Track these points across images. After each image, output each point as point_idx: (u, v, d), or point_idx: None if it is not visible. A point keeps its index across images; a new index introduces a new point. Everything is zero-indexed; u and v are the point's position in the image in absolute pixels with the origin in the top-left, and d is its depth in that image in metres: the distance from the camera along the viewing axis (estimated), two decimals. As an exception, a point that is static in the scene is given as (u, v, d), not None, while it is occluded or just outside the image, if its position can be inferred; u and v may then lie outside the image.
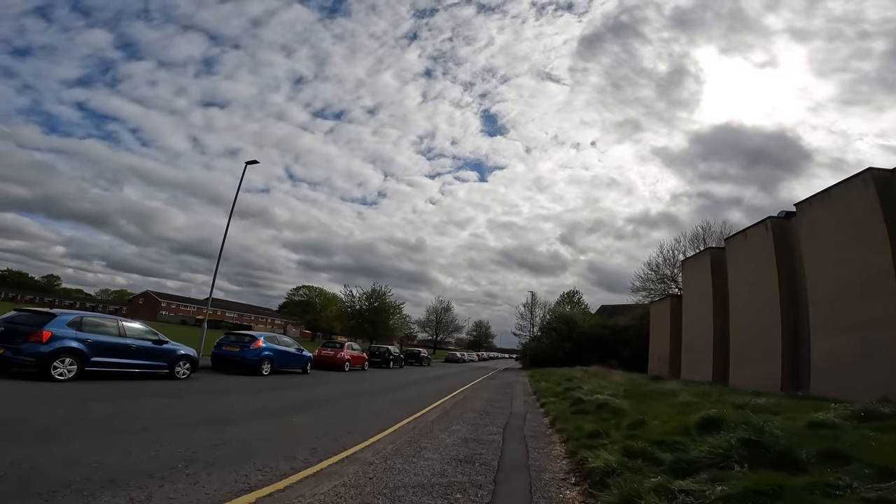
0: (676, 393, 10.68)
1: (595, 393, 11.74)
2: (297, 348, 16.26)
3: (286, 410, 8.16)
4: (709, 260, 24.86)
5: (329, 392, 11.85)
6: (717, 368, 22.87)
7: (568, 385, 15.36)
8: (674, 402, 9.01)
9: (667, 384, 12.91)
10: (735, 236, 22.51)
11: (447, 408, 10.24)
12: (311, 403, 9.41)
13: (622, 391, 11.76)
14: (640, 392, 11.36)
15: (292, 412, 8.04)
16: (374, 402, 10.79)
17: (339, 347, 20.75)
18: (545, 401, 11.49)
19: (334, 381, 15.15)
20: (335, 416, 8.09)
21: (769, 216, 20.36)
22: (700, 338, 24.61)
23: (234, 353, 13.71)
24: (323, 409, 8.79)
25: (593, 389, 12.64)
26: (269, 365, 14.11)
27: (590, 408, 9.15)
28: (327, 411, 8.63)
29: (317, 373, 17.67)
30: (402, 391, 14.08)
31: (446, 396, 13.15)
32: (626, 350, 40.05)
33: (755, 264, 20.54)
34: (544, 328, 50.36)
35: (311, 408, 8.82)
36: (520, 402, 12.38)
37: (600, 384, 14.44)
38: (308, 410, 8.45)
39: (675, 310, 29.46)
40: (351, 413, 8.65)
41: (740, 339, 21.05)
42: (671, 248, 41.98)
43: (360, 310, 67.83)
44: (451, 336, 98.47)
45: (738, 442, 4.39)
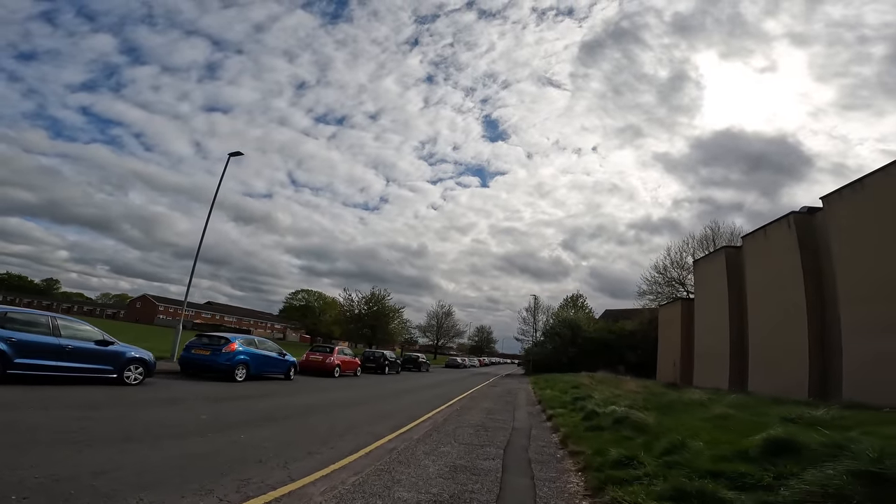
0: (705, 403, 9.19)
1: (609, 403, 10.28)
2: (280, 352, 14.82)
3: (240, 424, 6.72)
4: (724, 260, 23.35)
5: (305, 401, 10.40)
6: (734, 374, 21.32)
7: (576, 393, 13.87)
8: (707, 416, 7.54)
9: (689, 393, 11.42)
10: (753, 234, 21.03)
11: (439, 421, 8.78)
12: (277, 415, 7.98)
13: (640, 401, 10.28)
14: (661, 402, 9.87)
15: (247, 427, 6.60)
16: (355, 413, 9.33)
17: (328, 352, 19.29)
18: (552, 412, 10.02)
19: (318, 389, 13.70)
20: (299, 432, 6.65)
21: (791, 211, 18.90)
22: (715, 342, 23.05)
23: (203, 356, 12.29)
24: (288, 423, 7.36)
25: (606, 399, 11.17)
26: (244, 370, 12.68)
27: (606, 422, 7.69)
28: (292, 425, 7.19)
29: (302, 379, 16.21)
30: (391, 400, 12.62)
31: (441, 407, 11.69)
32: (633, 355, 38.52)
33: (777, 263, 19.06)
34: (548, 333, 48.83)
35: (274, 421, 7.38)
36: (523, 413, 10.90)
37: (612, 392, 12.96)
38: (269, 424, 7.01)
39: (687, 313, 27.91)
40: (321, 427, 7.21)
41: (760, 342, 19.52)
42: (678, 251, 40.51)
43: (359, 314, 66.38)
44: (453, 341, 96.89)
45: (849, 475, 2.99)
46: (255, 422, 7.12)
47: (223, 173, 19.72)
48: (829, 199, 16.85)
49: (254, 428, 6.64)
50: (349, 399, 11.76)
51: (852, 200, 15.48)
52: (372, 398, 12.55)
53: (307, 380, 16.21)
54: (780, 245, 19.00)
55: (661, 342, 31.90)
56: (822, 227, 17.45)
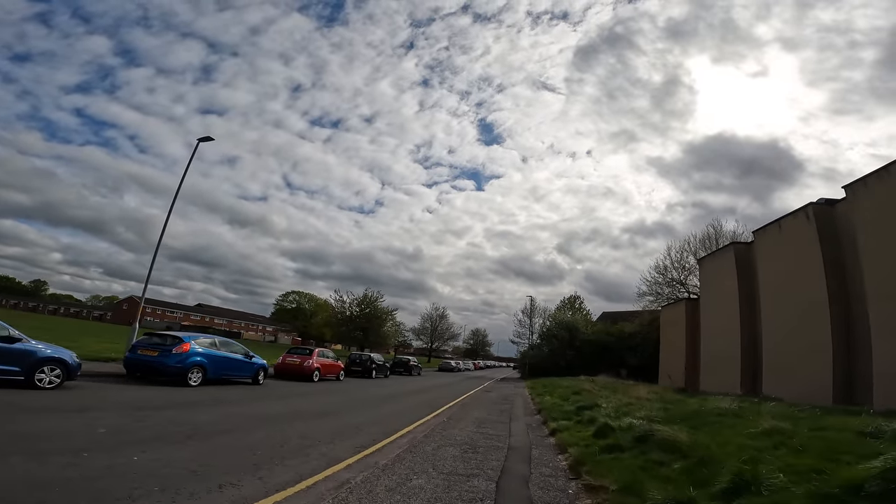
0: (740, 414, 7.63)
1: (621, 413, 8.71)
2: (247, 354, 13.16)
3: (148, 441, 5.08)
4: (733, 256, 21.91)
5: (263, 410, 8.75)
6: (746, 377, 19.84)
7: (579, 400, 12.31)
8: (754, 431, 5.98)
9: (712, 400, 9.85)
10: (767, 228, 19.60)
11: (418, 438, 7.16)
12: (213, 429, 6.33)
13: (657, 411, 8.71)
14: (683, 413, 8.30)
15: (156, 444, 4.97)
16: (318, 426, 7.70)
17: (306, 354, 17.60)
18: (555, 426, 8.42)
19: (286, 395, 12.04)
20: (227, 453, 5.02)
21: (809, 202, 17.49)
22: (724, 343, 21.57)
23: (150, 358, 10.62)
24: (221, 439, 5.72)
25: (617, 408, 9.60)
26: (199, 374, 11.02)
27: (626, 440, 6.12)
28: (225, 443, 5.56)
29: (275, 384, 14.54)
30: (369, 409, 10.98)
31: (425, 417, 10.07)
32: (633, 358, 37.05)
33: (794, 258, 17.62)
34: (544, 335, 47.29)
35: (203, 437, 5.74)
36: (521, 426, 9.29)
37: (621, 400, 11.41)
38: (191, 441, 5.38)
39: (692, 314, 26.45)
40: (262, 447, 5.58)
41: (776, 343, 18.05)
42: (679, 251, 39.05)
43: (350, 316, 64.56)
44: (448, 344, 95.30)
45: None
46: (174, 437, 5.49)
47: (191, 158, 18.23)
48: (853, 187, 15.46)
49: (166, 446, 5.02)
50: (319, 408, 10.12)
51: (878, 188, 14.12)
52: (346, 407, 10.91)
53: (280, 385, 14.54)
54: (797, 238, 17.58)
55: (664, 345, 30.41)
56: (844, 218, 16.06)
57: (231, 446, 5.47)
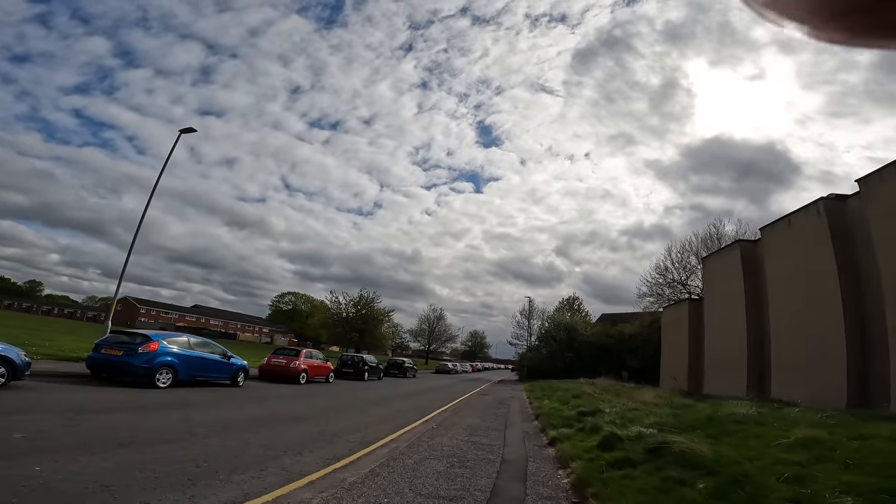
0: (763, 421, 6.81)
1: (627, 420, 7.90)
2: (224, 355, 12.31)
3: (63, 450, 4.24)
4: (738, 254, 21.13)
5: (231, 416, 7.90)
6: (753, 379, 19.05)
7: (580, 405, 11.50)
8: (786, 442, 5.18)
9: (727, 405, 9.04)
10: (775, 224, 18.83)
11: (401, 448, 6.33)
12: (151, 437, 5.48)
13: (667, 417, 7.90)
14: (696, 419, 7.48)
15: (72, 453, 4.14)
16: (290, 433, 6.87)
17: (293, 355, 16.73)
18: (555, 434, 7.58)
19: (264, 398, 11.20)
20: (162, 467, 4.19)
21: (820, 197, 16.73)
22: (729, 345, 20.77)
23: (114, 358, 9.78)
24: (163, 448, 4.88)
25: (621, 414, 8.79)
26: (169, 375, 10.17)
27: (636, 453, 5.31)
28: (168, 452, 4.71)
29: (256, 386, 13.69)
30: (353, 414, 10.14)
31: (413, 423, 9.24)
32: (633, 360, 36.23)
33: (804, 255, 16.85)
34: (543, 337, 46.45)
35: (134, 446, 4.89)
36: (517, 434, 8.45)
37: (625, 405, 10.59)
38: (123, 451, 4.56)
39: (695, 314, 25.65)
40: (216, 458, 4.75)
41: (785, 344, 17.26)
42: (680, 251, 38.26)
43: (346, 317, 63.63)
44: (445, 346, 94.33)
45: None
46: (105, 445, 4.67)
47: (172, 149, 17.54)
48: (868, 181, 14.73)
49: (88, 455, 4.21)
50: (297, 412, 9.28)
51: (894, 182, 13.39)
52: (328, 411, 10.07)
53: (262, 387, 13.69)
54: (807, 235, 16.81)
55: (666, 346, 29.61)
56: (857, 213, 15.31)
57: (171, 457, 4.64)
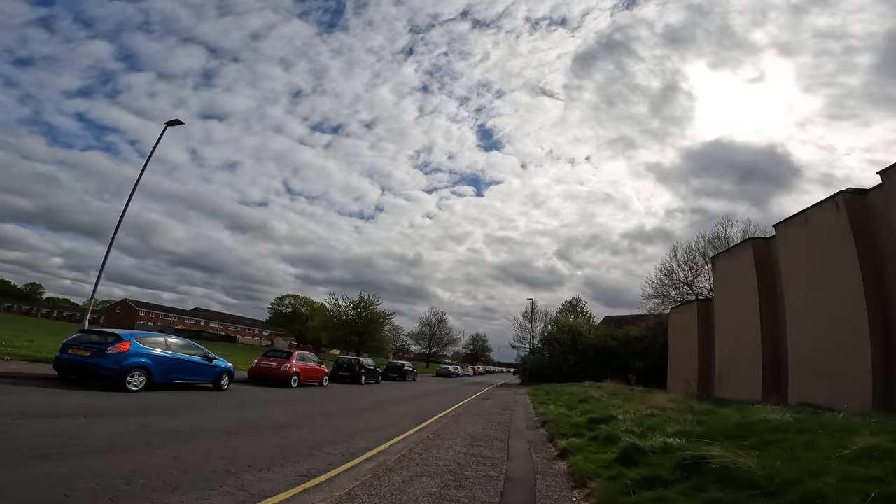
0: (805, 428, 5.93)
1: (647, 428, 7.02)
2: (206, 356, 11.48)
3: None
4: (751, 252, 20.23)
5: (196, 423, 7.03)
6: (769, 382, 18.15)
7: (589, 411, 10.63)
8: (847, 453, 4.31)
9: (756, 410, 8.16)
10: (790, 220, 17.93)
11: (388, 463, 5.48)
12: (85, 447, 4.63)
13: (692, 424, 7.02)
14: (726, 427, 6.60)
15: None
16: (259, 443, 6.02)
17: (283, 357, 15.88)
18: (565, 445, 6.71)
19: (246, 403, 10.35)
20: (67, 483, 3.35)
21: (840, 191, 15.85)
22: (742, 347, 19.86)
23: (82, 358, 8.96)
24: (80, 463, 4.03)
25: (639, 421, 7.91)
26: (142, 377, 9.35)
27: (665, 469, 4.45)
28: (81, 467, 3.87)
29: (242, 389, 12.86)
30: (343, 421, 9.28)
31: (408, 431, 8.38)
32: (639, 363, 35.29)
33: (822, 252, 15.97)
34: (546, 340, 45.51)
35: (58, 458, 4.04)
36: (522, 445, 7.58)
37: (639, 410, 9.71)
38: (37, 464, 3.72)
39: (705, 315, 24.74)
40: (148, 474, 3.92)
41: (803, 344, 16.35)
42: (686, 251, 37.29)
43: (346, 320, 62.73)
44: (447, 349, 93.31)
45: None
46: (17, 457, 3.82)
47: (157, 141, 16.85)
48: (890, 173, 13.92)
49: None
50: (280, 418, 8.43)
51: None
52: (315, 417, 9.21)
53: (249, 391, 12.85)
54: (826, 231, 15.94)
55: (674, 348, 28.66)
56: (879, 206, 14.44)
57: (101, 471, 3.82)
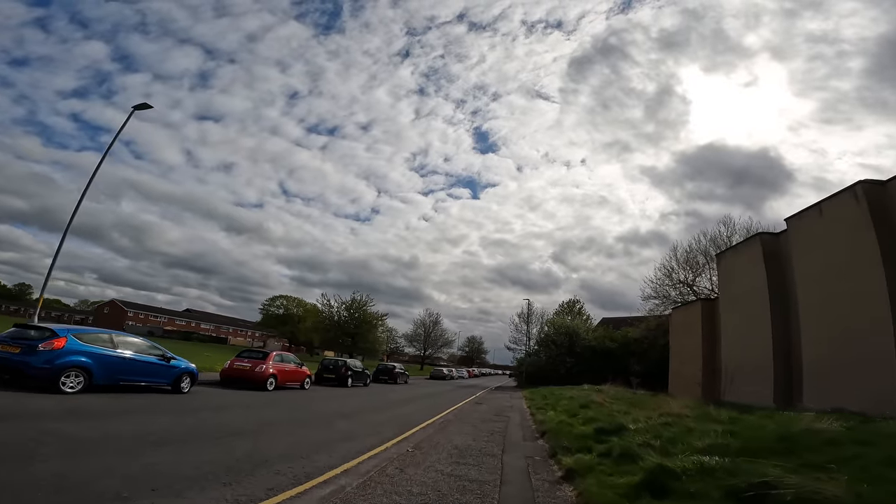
0: (866, 439, 4.77)
1: (668, 442, 5.84)
2: (163, 356, 10.23)
3: None
4: (760, 248, 19.15)
5: (125, 431, 5.78)
6: (780, 386, 17.03)
7: (593, 418, 9.46)
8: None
9: (797, 419, 6.99)
10: (803, 213, 16.85)
11: (349, 489, 4.27)
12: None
13: (721, 436, 5.84)
14: (765, 440, 5.43)
15: None
16: (191, 459, 4.79)
17: (259, 358, 14.61)
18: (570, 463, 5.51)
19: (200, 408, 9.08)
20: None
21: (859, 181, 14.79)
22: (751, 348, 18.76)
23: (10, 356, 7.73)
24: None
25: (655, 431, 6.72)
26: (80, 378, 8.11)
27: (716, 502, 3.26)
28: None
29: (211, 392, 11.61)
30: (309, 431, 8.05)
31: (383, 444, 7.16)
32: (639, 365, 34.22)
33: (840, 245, 14.89)
34: (542, 342, 44.38)
35: None
36: (518, 461, 6.36)
37: (651, 418, 8.54)
38: None
39: (709, 315, 23.64)
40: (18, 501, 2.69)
41: (818, 345, 15.24)
42: (686, 250, 36.21)
43: (338, 321, 61.36)
44: (441, 351, 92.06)
45: None
46: None
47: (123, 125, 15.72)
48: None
49: None
50: (236, 426, 7.19)
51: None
52: (280, 425, 7.98)
53: (216, 394, 11.59)
54: (844, 223, 14.86)
55: (675, 350, 27.55)
56: (904, 196, 13.40)
57: None
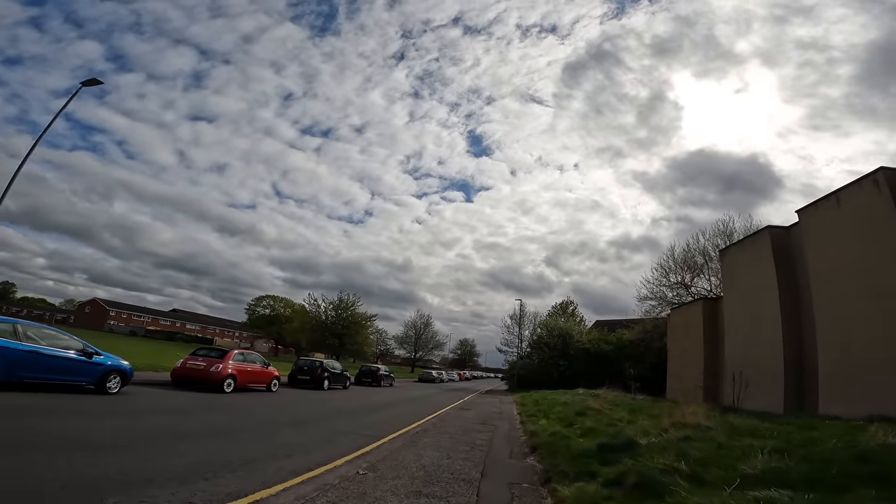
0: None
1: (699, 464, 4.31)
2: (83, 351, 8.60)
3: None
4: (769, 243, 17.80)
5: None
6: (792, 391, 15.67)
7: (591, 428, 7.97)
8: None
9: (853, 430, 5.52)
10: (818, 204, 15.52)
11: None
12: None
13: (775, 456, 4.35)
14: (844, 461, 3.93)
15: None
16: (62, 474, 3.21)
17: (216, 357, 12.97)
18: (568, 494, 3.97)
19: (116, 413, 7.45)
20: None
21: (881, 167, 13.47)
22: (759, 350, 17.40)
23: None
24: None
25: (677, 449, 5.20)
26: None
27: None
28: None
29: (151, 393, 9.95)
30: (239, 443, 6.44)
31: (331, 463, 5.60)
32: (632, 368, 32.86)
33: (860, 237, 13.55)
34: (534, 344, 42.95)
35: None
36: (499, 491, 4.78)
37: (662, 428, 7.05)
38: None
39: (711, 316, 22.28)
40: None
41: (836, 347, 13.88)
42: (685, 250, 34.91)
43: (325, 321, 59.49)
44: (433, 354, 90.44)
45: None
46: None
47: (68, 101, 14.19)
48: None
49: None
50: (148, 436, 5.58)
51: None
52: (204, 435, 6.37)
53: (155, 395, 9.93)
54: (864, 213, 13.56)
55: (674, 353, 26.18)
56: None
57: None
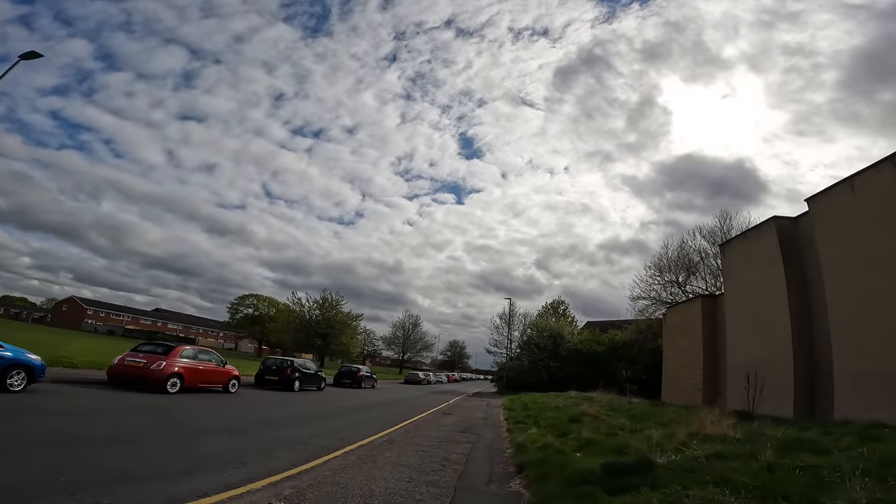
0: None
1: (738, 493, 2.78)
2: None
3: None
4: (774, 234, 16.58)
5: None
6: (802, 394, 14.40)
7: (590, 439, 6.56)
8: None
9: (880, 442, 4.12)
10: (829, 191, 14.31)
11: None
12: None
13: (862, 483, 2.90)
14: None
15: None
16: None
17: (160, 353, 11.34)
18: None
19: (21, 413, 5.86)
20: None
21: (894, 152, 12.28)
22: (765, 350, 16.14)
23: None
24: None
25: (710, 470, 3.74)
26: None
27: None
28: None
29: (72, 391, 8.33)
30: (126, 455, 4.88)
31: (239, 488, 4.09)
32: (625, 370, 31.67)
33: (878, 226, 12.34)
34: (524, 345, 41.65)
35: None
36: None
37: (677, 438, 5.65)
38: None
39: (711, 314, 21.08)
40: None
41: (852, 347, 12.66)
42: (679, 247, 33.81)
43: (309, 320, 57.62)
44: (421, 355, 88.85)
45: None
46: None
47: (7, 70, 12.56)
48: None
49: None
50: (27, 447, 4.04)
51: None
52: (104, 442, 4.82)
53: (75, 394, 8.29)
54: (882, 201, 12.35)
55: (671, 353, 24.95)
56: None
57: None
